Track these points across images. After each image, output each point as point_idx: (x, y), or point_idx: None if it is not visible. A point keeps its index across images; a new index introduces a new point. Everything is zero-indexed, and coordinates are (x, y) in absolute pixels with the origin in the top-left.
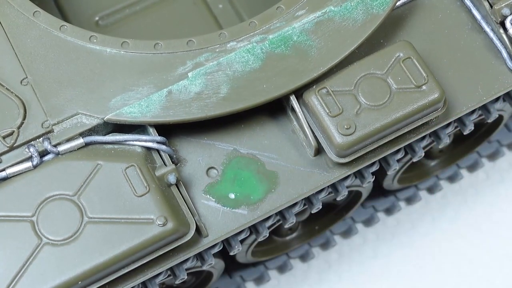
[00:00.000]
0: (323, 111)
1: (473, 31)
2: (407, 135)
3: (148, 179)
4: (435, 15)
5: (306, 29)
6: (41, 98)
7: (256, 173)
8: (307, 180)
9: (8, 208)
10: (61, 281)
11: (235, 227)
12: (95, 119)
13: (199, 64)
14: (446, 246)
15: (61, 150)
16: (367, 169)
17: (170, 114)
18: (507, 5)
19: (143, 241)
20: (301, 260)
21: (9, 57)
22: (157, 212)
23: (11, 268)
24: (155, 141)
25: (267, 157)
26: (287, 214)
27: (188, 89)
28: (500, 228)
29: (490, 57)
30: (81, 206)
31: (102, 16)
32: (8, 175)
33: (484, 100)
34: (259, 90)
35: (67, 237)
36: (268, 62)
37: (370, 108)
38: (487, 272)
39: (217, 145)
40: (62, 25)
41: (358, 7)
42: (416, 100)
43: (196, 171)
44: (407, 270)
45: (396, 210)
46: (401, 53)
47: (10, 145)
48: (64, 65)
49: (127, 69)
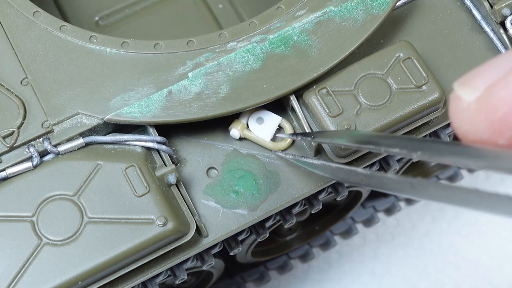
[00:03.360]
0: (323, 111)
1: (473, 31)
2: (407, 135)
3: (148, 179)
4: (435, 15)
5: (306, 29)
6: (41, 98)
7: (256, 173)
8: (307, 180)
9: (8, 208)
10: (61, 281)
11: (235, 227)
12: (95, 119)
13: (199, 64)
14: (446, 246)
15: (61, 150)
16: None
17: (170, 114)
18: (507, 5)
19: (143, 241)
20: (301, 260)
21: (9, 57)
22: (157, 212)
23: (11, 268)
24: (155, 141)
25: (267, 157)
26: (287, 214)
27: (188, 89)
28: (500, 228)
29: (490, 57)
30: (81, 206)
31: (102, 16)
32: (8, 175)
33: None
34: (259, 90)
35: (67, 237)
36: (268, 62)
37: (370, 108)
38: (487, 272)
39: (217, 145)
40: (62, 25)
41: (358, 7)
42: (416, 100)
43: (196, 171)
44: (407, 270)
45: (396, 210)
46: (401, 53)
47: (10, 145)
48: (64, 65)
49: (127, 69)
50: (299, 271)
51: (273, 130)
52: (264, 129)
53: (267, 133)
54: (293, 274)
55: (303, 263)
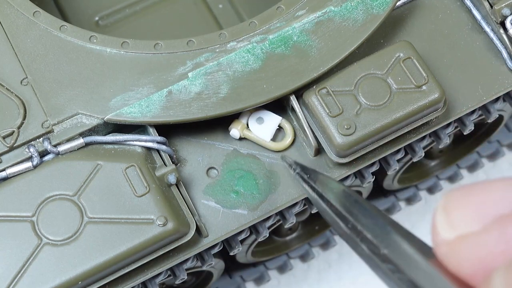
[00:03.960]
0: (323, 111)
1: (473, 31)
2: (407, 135)
3: (148, 179)
4: (435, 15)
5: (306, 29)
6: (41, 98)
7: (256, 173)
8: None
9: (8, 208)
10: (61, 281)
11: (235, 227)
12: (95, 119)
13: (199, 64)
14: None
15: (61, 150)
16: (367, 169)
17: (170, 114)
18: (507, 5)
19: (143, 241)
20: (301, 260)
21: (9, 57)
22: (157, 212)
23: (11, 268)
24: (155, 141)
25: (267, 157)
26: (287, 214)
27: (188, 89)
28: None
29: (490, 57)
30: (81, 206)
31: (102, 16)
32: (8, 175)
33: (484, 100)
34: (259, 90)
35: (67, 237)
36: (268, 62)
37: (370, 108)
38: None
39: (217, 145)
40: (62, 25)
41: (358, 7)
42: (416, 100)
43: (196, 171)
44: None
45: (396, 210)
46: (401, 53)
47: (10, 145)
48: (64, 65)
49: (127, 69)
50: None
51: (273, 130)
52: (264, 129)
53: (267, 133)
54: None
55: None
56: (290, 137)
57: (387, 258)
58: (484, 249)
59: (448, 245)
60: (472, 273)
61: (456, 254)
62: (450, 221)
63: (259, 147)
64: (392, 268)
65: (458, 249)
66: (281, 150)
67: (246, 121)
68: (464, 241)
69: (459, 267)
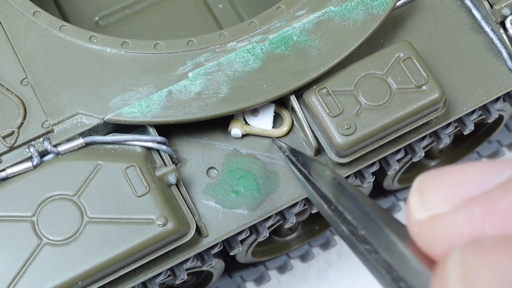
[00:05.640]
0: (323, 111)
1: (473, 31)
2: (407, 135)
3: (148, 179)
4: (435, 15)
5: (306, 29)
6: (41, 98)
7: (256, 173)
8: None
9: (8, 208)
10: (61, 281)
11: (235, 227)
12: (95, 119)
13: (199, 64)
14: None
15: (61, 150)
16: (367, 169)
17: (170, 114)
18: (507, 5)
19: (143, 241)
20: (301, 260)
21: (9, 57)
22: (157, 212)
23: (11, 268)
24: (155, 141)
25: (267, 157)
26: (287, 214)
27: (188, 89)
28: None
29: (490, 57)
30: (81, 206)
31: (102, 16)
32: (8, 175)
33: (484, 100)
34: (259, 90)
35: (67, 237)
36: (268, 62)
37: (370, 108)
38: None
39: (217, 145)
40: (62, 25)
41: (358, 7)
42: (416, 100)
43: (196, 171)
44: None
45: (396, 210)
46: (401, 53)
47: (10, 145)
48: (64, 65)
49: (127, 69)
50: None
51: (271, 117)
52: (262, 119)
53: (267, 122)
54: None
55: (303, 263)
56: (288, 118)
57: (365, 238)
58: (452, 229)
59: (420, 225)
60: (441, 253)
61: (427, 234)
62: (423, 202)
63: (259, 147)
64: (369, 248)
65: (428, 229)
66: (286, 134)
67: (242, 118)
68: (434, 221)
69: (430, 247)
